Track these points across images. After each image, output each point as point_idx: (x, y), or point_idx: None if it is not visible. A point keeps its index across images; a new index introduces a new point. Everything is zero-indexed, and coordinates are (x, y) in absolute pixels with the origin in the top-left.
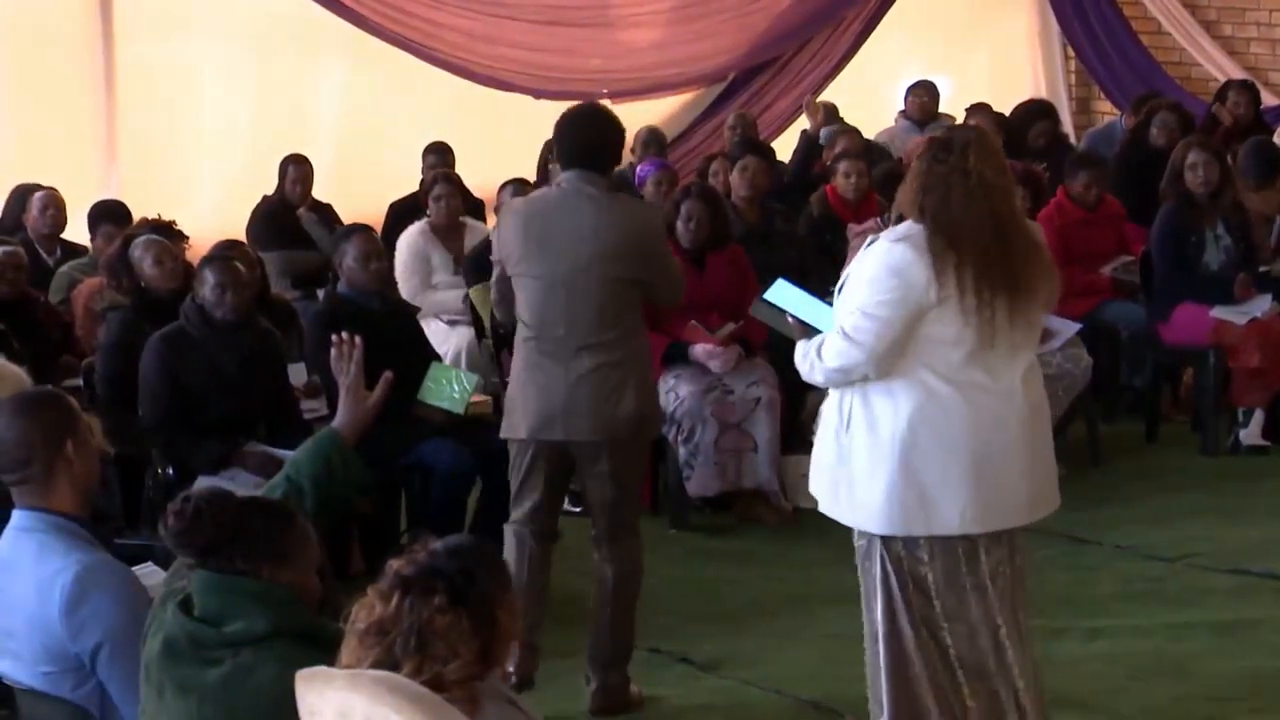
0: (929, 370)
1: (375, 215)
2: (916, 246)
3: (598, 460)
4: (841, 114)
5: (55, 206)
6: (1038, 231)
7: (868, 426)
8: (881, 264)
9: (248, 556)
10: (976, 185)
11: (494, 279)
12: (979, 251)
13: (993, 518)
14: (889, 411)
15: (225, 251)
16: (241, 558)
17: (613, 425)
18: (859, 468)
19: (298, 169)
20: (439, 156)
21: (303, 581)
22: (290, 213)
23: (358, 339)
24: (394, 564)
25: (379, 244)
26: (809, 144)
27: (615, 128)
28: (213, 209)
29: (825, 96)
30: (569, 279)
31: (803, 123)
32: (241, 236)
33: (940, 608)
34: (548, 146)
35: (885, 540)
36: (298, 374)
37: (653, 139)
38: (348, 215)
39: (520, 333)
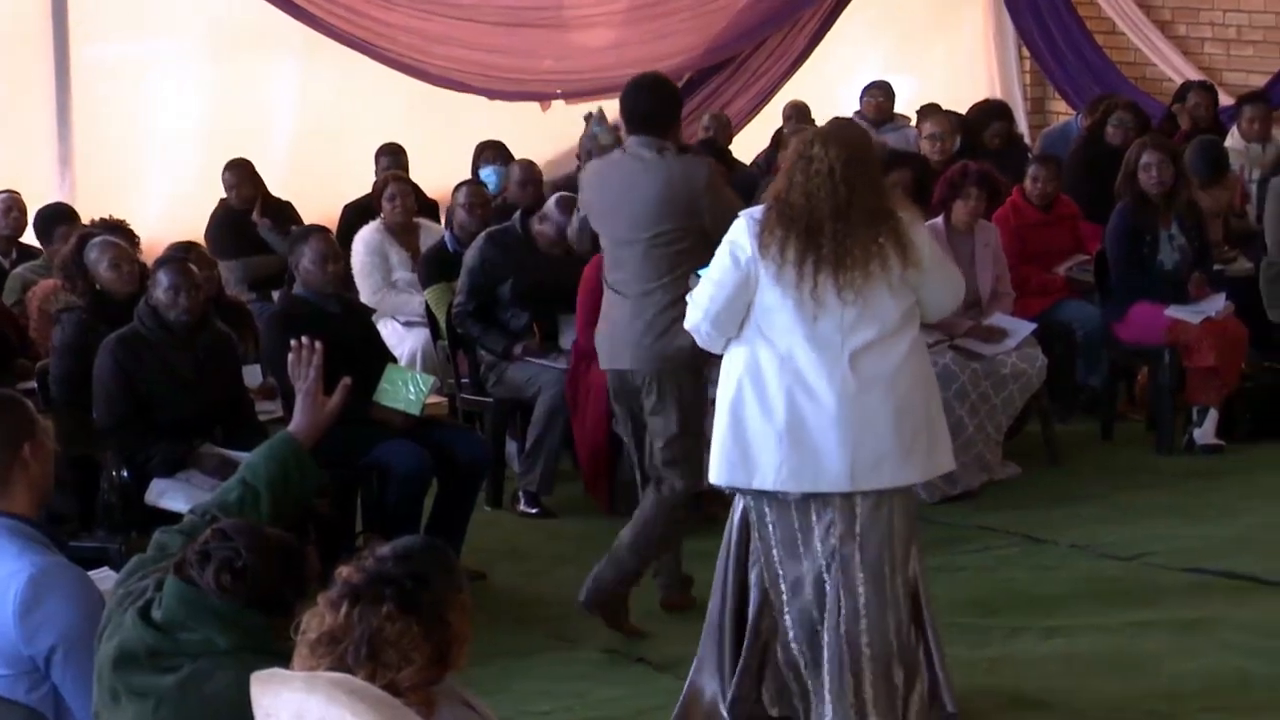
0: (761, 335)
1: (331, 215)
2: (753, 220)
3: (651, 391)
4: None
5: (18, 209)
6: (908, 225)
7: (722, 384)
8: (728, 236)
9: (289, 607)
10: (817, 171)
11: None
12: (809, 231)
13: (805, 479)
14: (729, 370)
15: (180, 253)
16: (283, 610)
17: (664, 359)
18: (714, 423)
19: (233, 175)
20: (392, 158)
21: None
22: (247, 218)
23: (318, 344)
24: (343, 571)
25: (336, 245)
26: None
27: (668, 93)
28: (167, 210)
29: (785, 96)
30: (626, 233)
31: (762, 121)
32: (195, 237)
33: (777, 556)
34: (479, 149)
35: (740, 492)
36: (253, 376)
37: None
38: (305, 216)
39: (605, 274)
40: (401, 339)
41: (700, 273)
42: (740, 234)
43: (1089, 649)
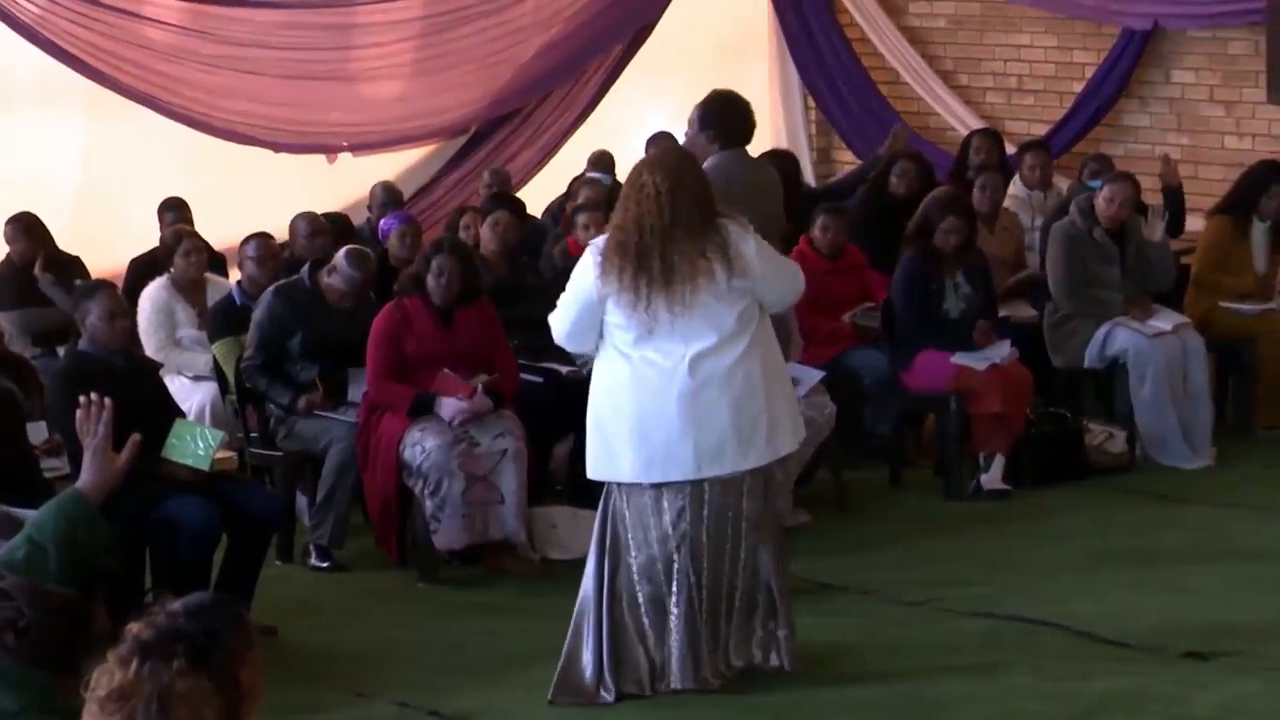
0: (613, 347)
1: (115, 269)
2: (595, 249)
3: None
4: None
5: None
6: (735, 236)
7: (590, 390)
8: (578, 263)
9: (76, 665)
10: (646, 196)
11: None
12: (640, 254)
13: (655, 470)
14: (594, 379)
15: None
16: (69, 667)
17: None
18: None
19: (12, 230)
20: (177, 213)
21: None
22: (29, 271)
23: (107, 401)
24: (133, 628)
25: (123, 301)
26: None
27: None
28: None
29: (572, 146)
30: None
31: (550, 172)
32: None
33: (629, 539)
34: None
35: (605, 485)
36: (37, 433)
37: (389, 197)
38: (90, 270)
39: None
40: (190, 394)
41: None
42: (585, 263)
43: (880, 696)
